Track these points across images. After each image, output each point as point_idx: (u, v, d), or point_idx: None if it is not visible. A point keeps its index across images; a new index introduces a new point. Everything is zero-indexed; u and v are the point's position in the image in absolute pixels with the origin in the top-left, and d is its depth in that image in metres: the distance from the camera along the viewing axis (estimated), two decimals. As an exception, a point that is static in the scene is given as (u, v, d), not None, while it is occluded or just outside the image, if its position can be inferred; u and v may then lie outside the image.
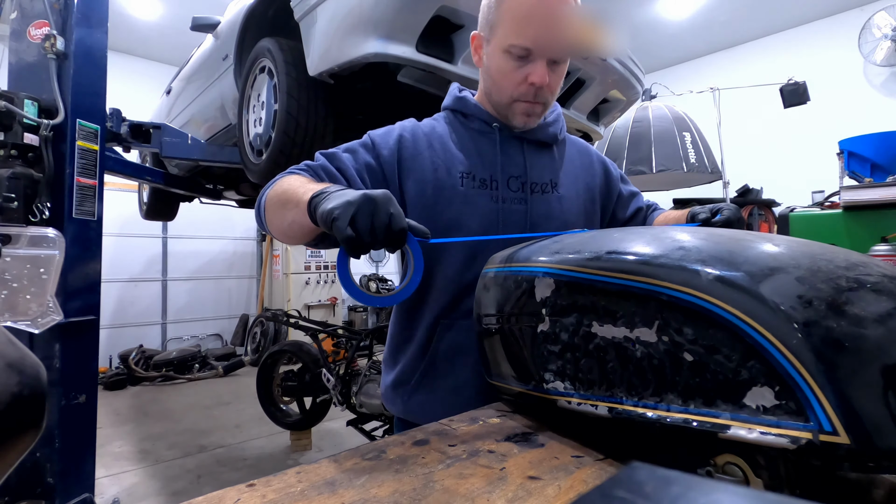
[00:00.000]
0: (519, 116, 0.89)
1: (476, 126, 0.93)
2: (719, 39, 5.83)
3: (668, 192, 4.83)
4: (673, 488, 0.17)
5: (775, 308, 0.37)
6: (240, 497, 0.46)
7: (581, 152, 1.03)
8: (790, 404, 0.35)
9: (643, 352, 0.46)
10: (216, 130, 2.75)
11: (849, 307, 0.37)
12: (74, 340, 1.76)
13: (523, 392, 0.63)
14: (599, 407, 0.50)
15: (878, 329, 0.35)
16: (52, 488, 1.68)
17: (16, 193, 1.64)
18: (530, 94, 0.85)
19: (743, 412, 0.38)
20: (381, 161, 0.87)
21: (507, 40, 0.81)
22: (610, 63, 1.93)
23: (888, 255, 1.17)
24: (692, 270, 0.43)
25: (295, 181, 0.75)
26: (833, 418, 0.33)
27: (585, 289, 0.53)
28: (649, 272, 0.46)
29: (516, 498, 0.44)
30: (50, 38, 1.75)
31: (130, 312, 5.87)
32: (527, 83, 0.83)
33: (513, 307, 0.63)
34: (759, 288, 0.39)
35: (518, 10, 0.79)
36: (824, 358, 0.34)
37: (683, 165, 3.27)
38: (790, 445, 0.35)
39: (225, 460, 3.17)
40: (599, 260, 0.52)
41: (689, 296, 0.42)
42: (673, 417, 0.43)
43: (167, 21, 5.38)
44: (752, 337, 0.38)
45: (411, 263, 0.62)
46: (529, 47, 0.80)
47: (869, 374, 0.34)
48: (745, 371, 0.39)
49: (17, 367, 0.33)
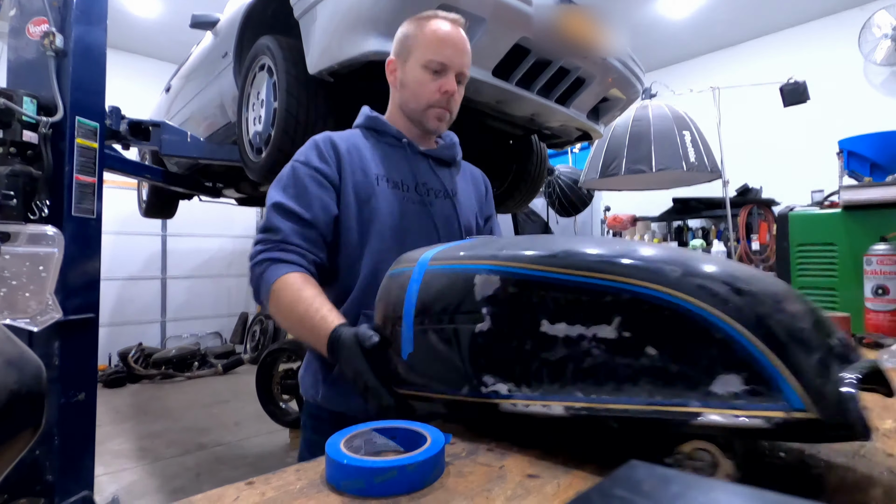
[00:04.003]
0: (432, 120, 1.05)
1: (387, 140, 1.08)
2: (719, 39, 5.82)
3: (667, 192, 4.83)
4: (671, 487, 0.17)
5: (744, 304, 0.41)
6: (239, 495, 0.46)
7: (473, 174, 1.23)
8: (760, 388, 0.39)
9: (602, 348, 0.47)
10: (215, 128, 2.75)
11: (794, 309, 0.43)
12: (74, 338, 1.76)
13: (453, 399, 0.59)
14: (553, 407, 0.49)
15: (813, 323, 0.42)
16: (51, 486, 1.68)
17: (15, 191, 1.64)
18: (443, 102, 1.03)
19: (712, 399, 0.41)
20: (330, 180, 0.99)
21: (426, 57, 1.01)
22: (610, 62, 1.93)
23: (888, 255, 1.17)
24: (660, 269, 0.46)
25: (305, 296, 0.86)
26: (803, 397, 0.37)
27: (536, 286, 0.52)
28: (614, 270, 0.47)
29: (515, 496, 0.45)
30: (49, 36, 1.74)
31: (130, 310, 5.86)
32: (440, 92, 1.02)
33: (442, 307, 0.59)
34: (726, 286, 0.43)
35: (435, 34, 1.01)
36: (790, 345, 0.39)
37: (683, 164, 3.26)
38: (765, 425, 0.38)
39: (224, 458, 3.17)
40: (556, 258, 0.52)
41: (658, 292, 0.44)
42: (641, 410, 0.44)
43: (166, 18, 5.36)
44: (722, 329, 0.41)
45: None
46: (445, 63, 1.01)
47: (819, 359, 0.39)
48: (713, 361, 0.41)
49: (17, 365, 0.33)
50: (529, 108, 1.96)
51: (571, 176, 4.57)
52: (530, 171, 2.58)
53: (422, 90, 1.03)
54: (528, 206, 3.26)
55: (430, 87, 1.02)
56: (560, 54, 1.79)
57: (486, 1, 1.51)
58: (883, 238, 1.20)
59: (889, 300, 1.16)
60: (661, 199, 5.33)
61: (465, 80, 1.06)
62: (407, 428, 0.55)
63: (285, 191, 0.98)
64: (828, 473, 0.49)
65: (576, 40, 1.77)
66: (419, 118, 1.06)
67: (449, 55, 1.01)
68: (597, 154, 3.61)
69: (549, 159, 2.83)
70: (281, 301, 0.89)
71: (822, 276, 1.33)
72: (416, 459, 0.46)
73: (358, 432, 0.54)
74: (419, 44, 1.02)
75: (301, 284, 0.89)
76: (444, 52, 1.01)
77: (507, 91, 1.78)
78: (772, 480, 0.48)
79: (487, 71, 1.67)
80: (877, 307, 1.18)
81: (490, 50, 1.62)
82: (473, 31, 1.56)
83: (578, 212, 4.81)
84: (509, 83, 1.77)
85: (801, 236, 1.37)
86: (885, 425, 0.62)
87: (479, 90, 1.74)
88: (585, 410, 0.47)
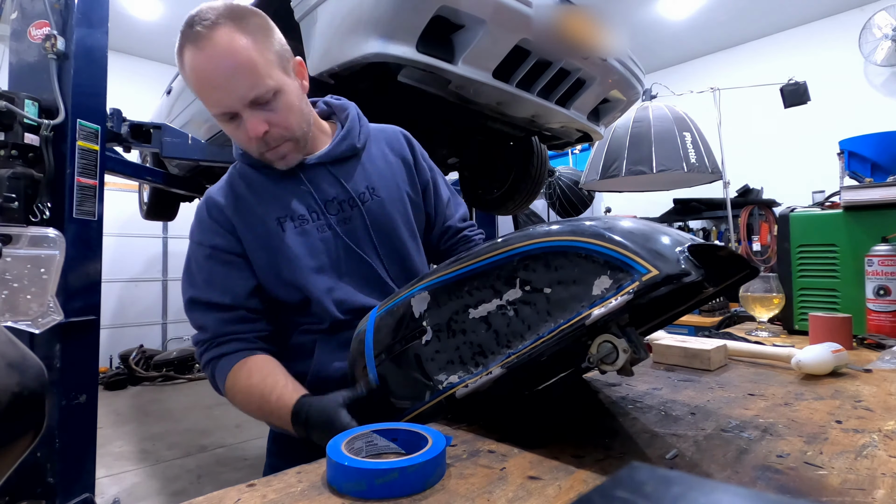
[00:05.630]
0: (277, 163, 0.88)
1: (270, 170, 0.91)
2: (719, 39, 5.82)
3: (668, 193, 4.83)
4: (673, 488, 0.17)
5: (594, 229, 0.55)
6: (240, 497, 0.46)
7: (389, 141, 1.03)
8: (621, 276, 0.51)
9: (515, 306, 0.59)
10: (216, 130, 2.75)
11: (630, 224, 0.56)
12: (75, 340, 1.77)
13: (422, 409, 0.65)
14: (493, 371, 0.58)
15: (651, 229, 0.55)
16: (52, 488, 1.68)
17: (16, 193, 1.64)
18: (264, 145, 0.85)
19: (595, 300, 0.53)
20: (232, 252, 0.88)
21: (210, 111, 0.81)
22: (610, 63, 1.93)
23: (889, 256, 1.17)
24: (531, 231, 0.60)
25: (254, 383, 0.79)
26: (647, 266, 0.50)
27: (455, 285, 0.64)
28: (502, 245, 0.61)
29: (517, 498, 0.45)
30: (50, 39, 1.75)
31: (131, 312, 5.87)
32: (247, 137, 0.83)
33: (393, 337, 0.69)
34: (581, 225, 0.57)
35: (195, 78, 0.79)
36: (631, 241, 0.52)
37: (684, 165, 3.26)
38: (630, 296, 0.49)
39: (225, 460, 3.17)
40: (460, 258, 0.65)
41: (535, 244, 0.58)
42: (553, 336, 0.54)
43: (167, 21, 5.37)
44: (587, 248, 0.54)
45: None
46: (225, 110, 0.80)
47: (656, 242, 0.52)
48: (588, 272, 0.54)
49: (18, 368, 0.33)
50: (530, 110, 1.96)
51: (572, 177, 4.58)
52: (531, 172, 2.58)
53: (237, 139, 0.87)
54: (528, 207, 3.26)
55: (239, 137, 0.85)
56: (560, 55, 1.79)
57: (487, 2, 1.51)
58: (884, 239, 1.20)
59: (891, 301, 1.16)
60: (661, 200, 5.33)
61: (272, 95, 0.80)
62: (408, 430, 0.55)
63: (192, 282, 0.88)
64: (829, 475, 0.49)
65: (576, 41, 1.77)
66: (265, 162, 0.90)
67: (219, 99, 0.79)
68: (597, 155, 3.61)
69: (549, 160, 2.83)
70: (237, 400, 0.83)
71: (824, 277, 1.33)
72: (418, 461, 0.46)
73: (359, 434, 0.54)
74: (193, 90, 0.81)
75: (247, 373, 0.81)
76: (213, 97, 0.79)
77: (508, 92, 1.78)
78: (773, 482, 0.48)
79: (488, 72, 1.67)
80: (878, 308, 1.18)
81: (490, 51, 1.63)
82: (474, 33, 1.57)
83: (579, 213, 4.81)
84: (510, 85, 1.77)
85: (802, 237, 1.37)
86: (887, 426, 0.62)
87: (479, 92, 1.74)
88: (516, 358, 0.57)
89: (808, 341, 1.06)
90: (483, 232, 1.14)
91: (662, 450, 0.56)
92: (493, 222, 3.64)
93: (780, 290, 1.29)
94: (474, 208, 2.86)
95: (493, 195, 2.68)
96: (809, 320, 1.11)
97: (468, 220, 1.14)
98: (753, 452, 0.54)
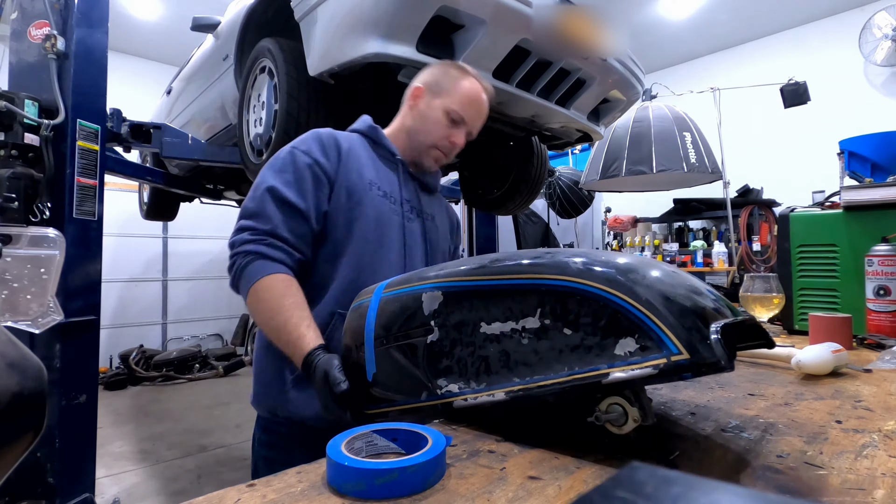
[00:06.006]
0: (430, 160, 1.12)
1: (382, 153, 1.12)
2: (719, 39, 5.82)
3: (668, 193, 4.83)
4: (673, 488, 0.17)
5: (631, 282, 0.52)
6: (240, 497, 0.46)
7: (448, 207, 1.29)
8: (648, 344, 0.49)
9: (529, 336, 0.57)
10: (216, 130, 2.75)
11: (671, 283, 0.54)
12: (75, 340, 1.77)
13: (415, 406, 0.65)
14: (496, 394, 0.57)
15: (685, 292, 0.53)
16: (52, 488, 1.68)
17: (16, 193, 1.64)
18: (447, 148, 1.11)
19: (615, 360, 0.51)
20: (328, 176, 1.00)
21: (451, 105, 1.08)
22: (610, 63, 1.93)
23: (889, 256, 1.17)
24: (566, 263, 0.56)
25: (287, 305, 0.88)
26: (678, 345, 0.47)
27: (472, 295, 0.62)
28: (531, 270, 0.58)
29: (517, 498, 0.45)
30: (50, 39, 1.75)
31: (131, 312, 5.87)
32: (449, 140, 1.10)
33: (398, 326, 0.68)
34: (618, 273, 0.54)
35: (469, 92, 1.09)
36: (666, 310, 0.50)
37: (684, 165, 3.26)
38: (654, 371, 0.48)
39: (225, 460, 3.17)
40: (484, 268, 0.62)
41: (566, 282, 0.55)
42: (565, 381, 0.53)
43: (167, 21, 5.38)
44: (617, 303, 0.51)
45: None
46: (466, 119, 1.10)
47: (690, 317, 0.50)
48: (613, 330, 0.52)
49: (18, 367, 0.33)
50: (530, 110, 1.96)
51: (572, 177, 4.57)
52: (531, 172, 2.58)
53: (435, 129, 1.09)
54: (528, 207, 3.26)
55: (442, 131, 1.09)
56: (560, 55, 1.79)
57: (487, 2, 1.51)
58: (884, 239, 1.20)
59: (891, 301, 1.16)
60: (661, 200, 5.34)
61: (471, 139, 1.15)
62: (408, 430, 0.55)
63: (281, 175, 0.96)
64: (829, 475, 0.49)
65: (576, 41, 1.77)
66: (420, 151, 1.12)
67: (472, 115, 1.10)
68: (597, 155, 3.61)
69: (549, 160, 2.83)
70: (261, 303, 0.89)
71: (824, 277, 1.33)
72: (418, 461, 0.46)
73: (359, 434, 0.54)
74: (453, 91, 1.09)
75: (283, 290, 0.89)
76: (469, 110, 1.09)
77: (508, 92, 1.78)
78: (773, 482, 0.48)
79: (488, 73, 1.67)
80: (878, 308, 1.18)
81: (490, 51, 1.63)
82: (474, 33, 1.57)
83: (579, 213, 4.81)
84: (510, 84, 1.77)
85: (802, 237, 1.37)
86: (887, 426, 0.62)
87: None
88: (522, 391, 0.56)
89: (808, 341, 1.06)
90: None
91: (662, 450, 0.56)
92: (493, 222, 3.64)
93: (780, 290, 1.29)
94: (474, 208, 2.85)
95: (493, 195, 2.68)
96: (809, 320, 1.11)
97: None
98: (753, 452, 0.54)
